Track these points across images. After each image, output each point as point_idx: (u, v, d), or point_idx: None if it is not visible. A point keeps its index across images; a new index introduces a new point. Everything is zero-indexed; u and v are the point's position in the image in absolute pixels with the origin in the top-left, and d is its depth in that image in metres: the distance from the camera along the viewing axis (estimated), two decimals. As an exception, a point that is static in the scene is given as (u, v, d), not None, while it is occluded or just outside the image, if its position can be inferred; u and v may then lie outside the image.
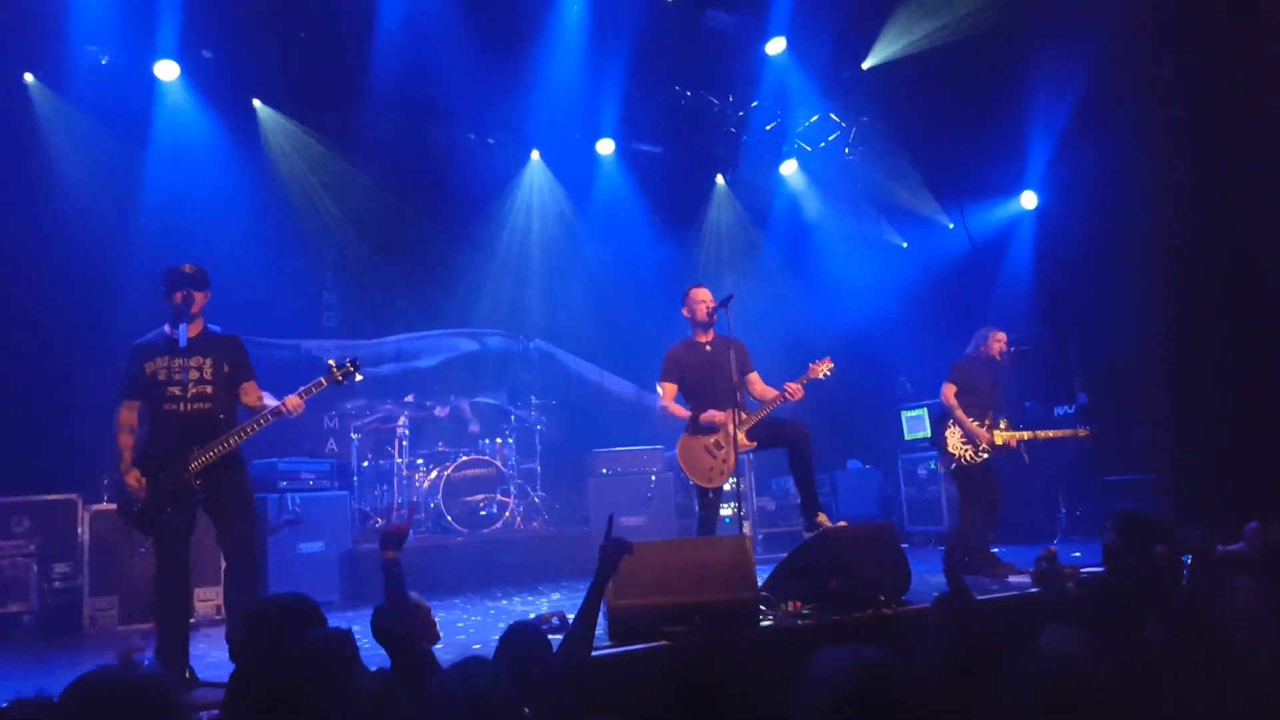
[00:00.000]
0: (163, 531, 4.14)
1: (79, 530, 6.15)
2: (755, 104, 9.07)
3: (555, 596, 6.42)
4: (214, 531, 4.35)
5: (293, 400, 4.31)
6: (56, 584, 6.12)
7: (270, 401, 4.42)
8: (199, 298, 4.34)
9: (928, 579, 5.95)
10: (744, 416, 5.59)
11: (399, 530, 3.66)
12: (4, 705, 2.24)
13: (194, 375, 4.23)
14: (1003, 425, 6.51)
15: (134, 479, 4.14)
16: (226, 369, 4.36)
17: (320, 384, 4.41)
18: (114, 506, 6.12)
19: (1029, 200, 9.61)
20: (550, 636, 4.61)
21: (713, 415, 5.58)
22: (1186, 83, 6.82)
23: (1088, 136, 8.28)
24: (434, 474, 7.94)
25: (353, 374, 4.49)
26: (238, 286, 6.03)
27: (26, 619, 6.00)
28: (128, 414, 4.32)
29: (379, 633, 3.14)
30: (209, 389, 4.29)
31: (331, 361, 4.49)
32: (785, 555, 5.21)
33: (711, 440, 5.62)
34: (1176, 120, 6.95)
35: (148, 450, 4.24)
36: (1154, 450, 7.77)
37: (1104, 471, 8.21)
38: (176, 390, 4.20)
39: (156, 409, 4.25)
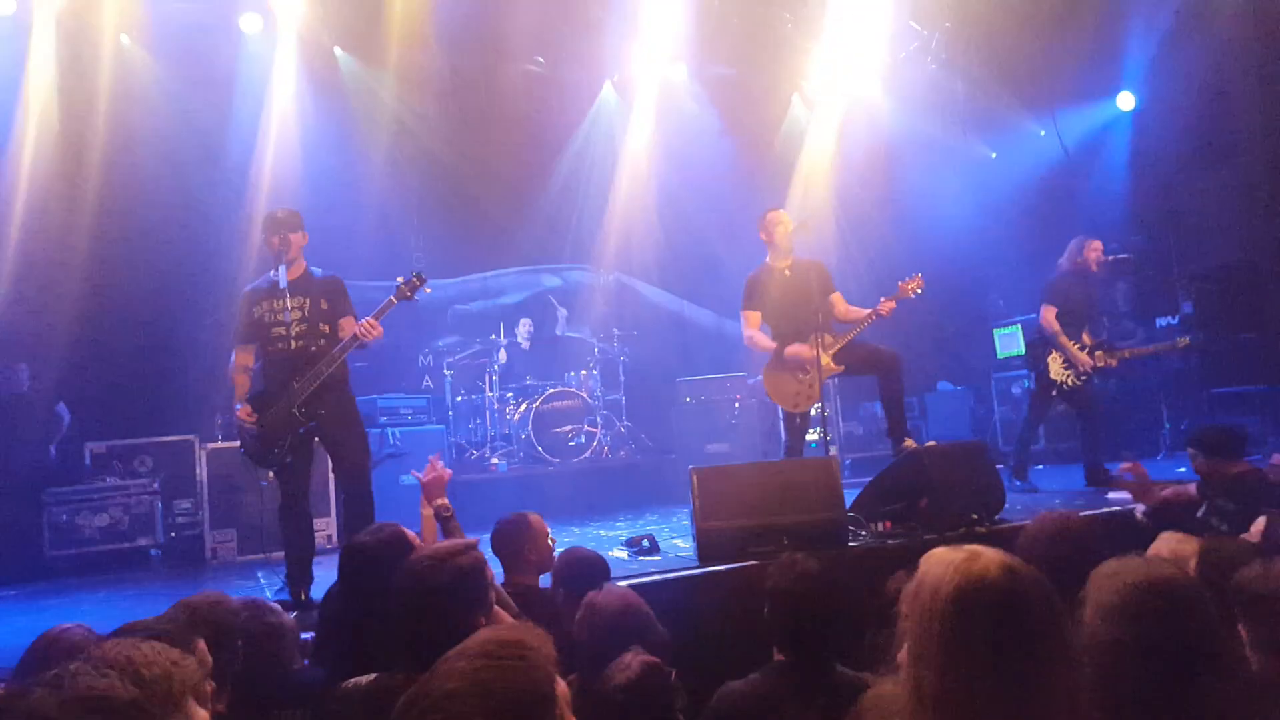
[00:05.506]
0: (276, 466, 4.39)
1: (197, 469, 6.56)
2: (829, 16, 8.70)
3: (651, 519, 6.50)
4: (325, 464, 4.54)
5: (365, 324, 4.31)
6: (179, 519, 6.56)
7: None
8: (294, 240, 4.47)
9: (1022, 498, 5.89)
10: (829, 340, 5.49)
11: (438, 480, 3.73)
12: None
13: (295, 315, 4.40)
14: (1090, 342, 6.35)
15: (244, 412, 4.37)
16: (325, 305, 4.50)
17: (391, 303, 4.44)
18: (229, 445, 6.54)
19: (1125, 101, 9.08)
20: (640, 559, 4.75)
21: (797, 350, 5.51)
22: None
23: (1192, 31, 7.72)
24: (524, 407, 8.15)
25: (419, 286, 4.48)
26: (331, 233, 6.19)
27: (154, 552, 6.46)
28: (242, 357, 4.55)
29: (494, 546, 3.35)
30: (306, 327, 4.45)
31: (399, 279, 4.51)
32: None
33: (797, 365, 5.58)
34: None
35: (259, 389, 4.48)
36: (1262, 359, 7.39)
37: (1211, 383, 7.85)
38: (280, 330, 4.39)
39: (265, 350, 4.47)
